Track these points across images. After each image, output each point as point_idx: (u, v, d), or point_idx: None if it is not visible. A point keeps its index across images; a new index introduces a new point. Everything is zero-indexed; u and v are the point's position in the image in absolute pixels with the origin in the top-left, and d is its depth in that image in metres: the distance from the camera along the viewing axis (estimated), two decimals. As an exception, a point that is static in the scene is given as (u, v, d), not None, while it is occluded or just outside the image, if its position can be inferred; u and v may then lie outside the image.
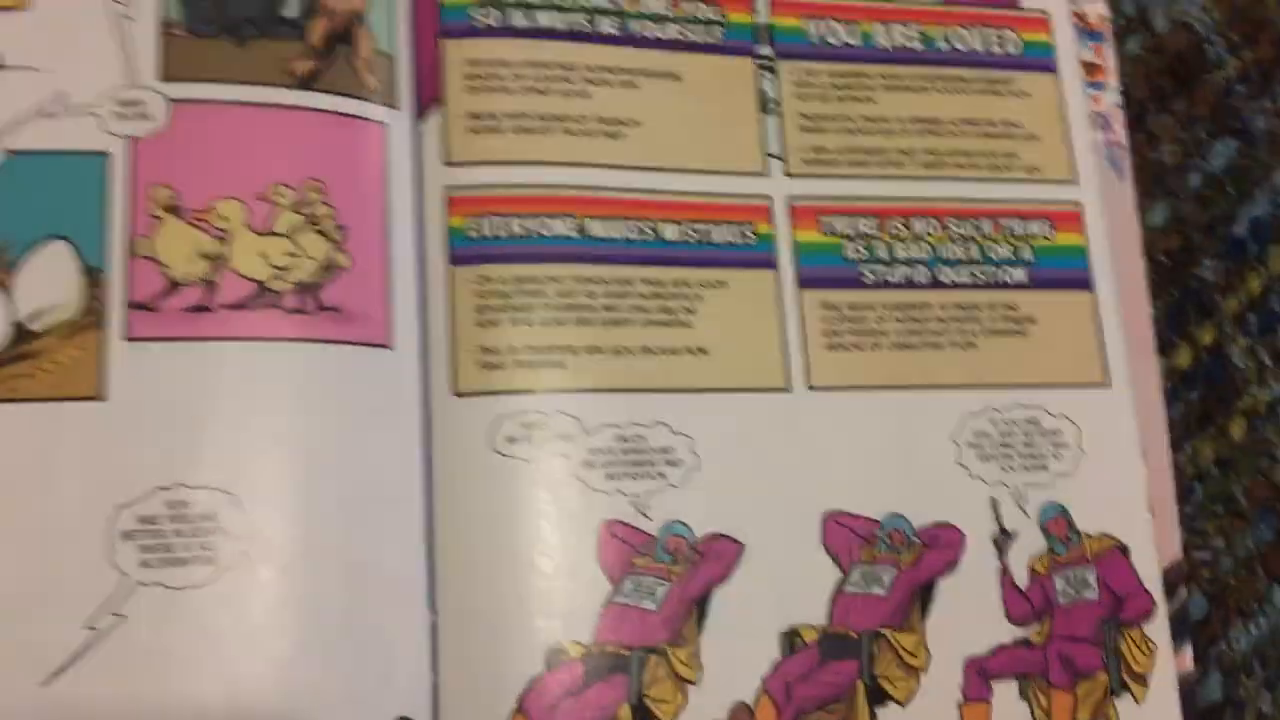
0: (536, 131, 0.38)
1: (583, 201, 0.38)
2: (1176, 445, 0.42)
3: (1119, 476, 0.40)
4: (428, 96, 0.38)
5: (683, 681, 0.35)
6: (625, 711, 0.35)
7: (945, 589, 0.38)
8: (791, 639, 0.36)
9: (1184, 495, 0.42)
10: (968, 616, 0.38)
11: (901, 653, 0.37)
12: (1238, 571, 0.42)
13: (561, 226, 0.37)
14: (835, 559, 0.37)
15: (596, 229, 0.38)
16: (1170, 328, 0.44)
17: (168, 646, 0.31)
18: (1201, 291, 0.44)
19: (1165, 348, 0.43)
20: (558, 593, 0.35)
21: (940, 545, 0.38)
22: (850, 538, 0.37)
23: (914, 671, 0.37)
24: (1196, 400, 0.43)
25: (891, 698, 0.37)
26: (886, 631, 0.37)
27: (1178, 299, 0.44)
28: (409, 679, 0.33)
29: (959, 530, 0.38)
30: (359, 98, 0.36)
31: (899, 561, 0.37)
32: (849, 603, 0.37)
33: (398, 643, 0.33)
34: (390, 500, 0.34)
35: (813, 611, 0.36)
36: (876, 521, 0.38)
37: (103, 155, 0.34)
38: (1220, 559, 0.42)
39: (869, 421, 0.38)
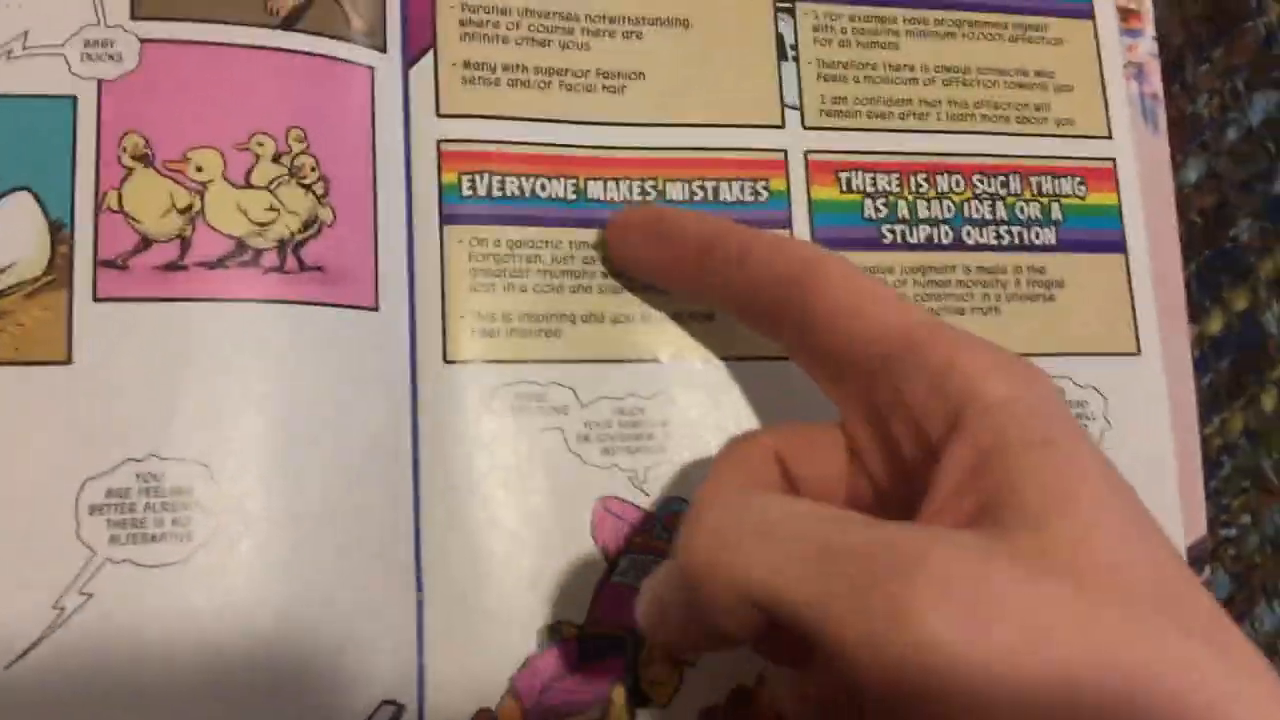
0: (534, 85, 0.35)
1: (582, 161, 0.35)
2: (1204, 417, 0.40)
3: (1146, 450, 0.38)
4: (418, 41, 0.35)
5: (679, 663, 0.34)
6: (619, 693, 0.33)
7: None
8: (796, 620, 0.35)
9: (1211, 469, 0.40)
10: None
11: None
12: (1264, 550, 0.40)
13: (559, 188, 0.35)
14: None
15: (595, 190, 0.35)
16: (1202, 292, 0.42)
17: (140, 626, 0.30)
18: (1236, 253, 0.42)
19: (1196, 313, 0.41)
20: (551, 571, 0.33)
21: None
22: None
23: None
24: (1227, 369, 0.41)
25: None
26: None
27: (1210, 261, 0.42)
28: (394, 660, 0.32)
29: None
30: (344, 39, 0.34)
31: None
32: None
33: (383, 622, 0.32)
34: (375, 473, 0.32)
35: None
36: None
37: (69, 99, 0.32)
38: (1247, 536, 0.40)
39: (883, 392, 0.36)
